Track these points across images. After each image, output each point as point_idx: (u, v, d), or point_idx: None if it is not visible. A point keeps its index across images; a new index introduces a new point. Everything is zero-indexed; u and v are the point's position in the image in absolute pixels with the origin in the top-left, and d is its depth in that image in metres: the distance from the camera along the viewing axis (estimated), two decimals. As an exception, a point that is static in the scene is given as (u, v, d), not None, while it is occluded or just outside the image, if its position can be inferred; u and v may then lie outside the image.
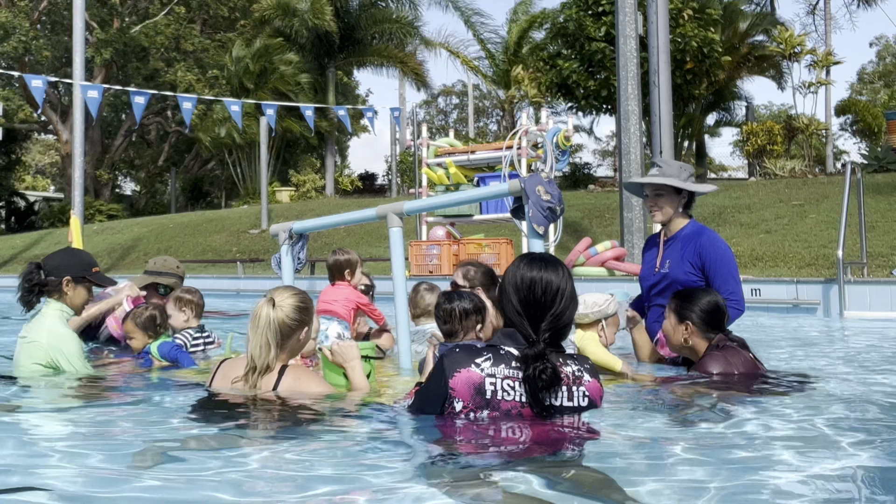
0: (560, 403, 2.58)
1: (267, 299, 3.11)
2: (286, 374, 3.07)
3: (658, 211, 4.52)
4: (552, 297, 2.62)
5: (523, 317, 2.62)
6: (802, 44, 23.86)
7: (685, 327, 3.63)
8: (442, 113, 55.09)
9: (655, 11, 11.15)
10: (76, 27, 16.76)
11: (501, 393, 2.55)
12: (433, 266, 10.36)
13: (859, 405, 3.21)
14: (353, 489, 2.12)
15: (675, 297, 3.75)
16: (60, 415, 3.22)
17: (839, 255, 7.40)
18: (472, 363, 2.57)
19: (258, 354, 3.05)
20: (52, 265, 3.89)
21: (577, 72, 20.68)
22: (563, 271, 2.69)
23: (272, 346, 3.05)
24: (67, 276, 3.88)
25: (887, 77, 46.26)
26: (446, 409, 2.57)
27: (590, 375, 2.66)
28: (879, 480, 2.22)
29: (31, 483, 2.17)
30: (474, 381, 2.55)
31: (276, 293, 3.14)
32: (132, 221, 24.45)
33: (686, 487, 2.12)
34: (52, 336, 3.79)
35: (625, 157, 10.98)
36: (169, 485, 2.17)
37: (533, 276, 2.64)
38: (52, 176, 48.57)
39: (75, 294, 3.92)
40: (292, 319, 3.10)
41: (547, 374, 2.50)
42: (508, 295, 2.66)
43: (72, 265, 3.93)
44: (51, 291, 3.87)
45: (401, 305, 3.82)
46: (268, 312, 3.06)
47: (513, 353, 2.60)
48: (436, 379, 2.63)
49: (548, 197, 3.37)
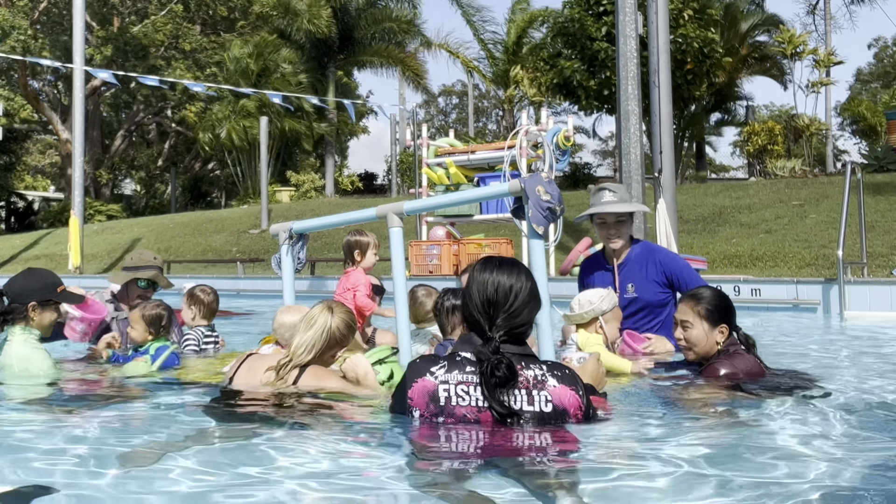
0: (520, 407, 2.53)
1: (326, 306, 3.29)
2: (306, 373, 3.18)
3: (619, 238, 4.54)
4: (505, 296, 2.64)
5: (481, 315, 2.65)
6: (804, 43, 23.87)
7: (720, 331, 3.52)
8: (442, 113, 55.11)
9: (656, 11, 11.14)
10: (76, 27, 16.76)
11: (455, 398, 2.55)
12: (433, 266, 10.35)
13: (859, 406, 3.20)
14: (327, 490, 2.12)
15: (695, 302, 3.58)
16: (64, 417, 3.22)
17: (839, 255, 7.39)
18: (427, 372, 2.60)
19: (300, 352, 3.19)
20: (15, 291, 3.78)
21: (578, 71, 20.68)
22: (519, 273, 2.72)
23: (316, 348, 3.19)
24: (32, 301, 3.78)
25: (885, 78, 46.26)
26: (409, 416, 2.61)
27: (558, 382, 2.58)
28: (881, 481, 2.22)
29: (34, 482, 2.17)
30: (428, 389, 2.58)
31: (333, 304, 3.36)
32: (132, 221, 24.46)
33: (681, 490, 2.12)
34: (20, 360, 3.71)
35: (625, 157, 10.97)
36: (159, 486, 2.16)
37: (486, 277, 2.69)
38: (52, 176, 48.57)
39: (42, 317, 3.83)
40: (341, 332, 3.27)
41: (501, 371, 2.48)
42: (468, 297, 2.71)
43: (35, 290, 3.82)
44: (15, 319, 3.77)
45: (401, 305, 3.82)
46: (326, 317, 3.23)
47: (469, 358, 2.60)
48: (400, 388, 2.68)
49: (547, 197, 3.36)
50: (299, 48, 29.92)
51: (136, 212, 32.89)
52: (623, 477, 2.22)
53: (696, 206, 15.44)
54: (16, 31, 26.68)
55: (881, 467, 2.35)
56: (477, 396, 2.54)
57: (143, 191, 38.73)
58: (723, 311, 3.55)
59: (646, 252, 4.56)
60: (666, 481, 2.17)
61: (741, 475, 2.23)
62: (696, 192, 17.46)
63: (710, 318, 3.54)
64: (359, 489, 2.14)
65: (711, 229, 13.83)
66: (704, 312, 3.55)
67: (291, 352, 3.20)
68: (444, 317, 3.77)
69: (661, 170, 11.05)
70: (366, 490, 2.14)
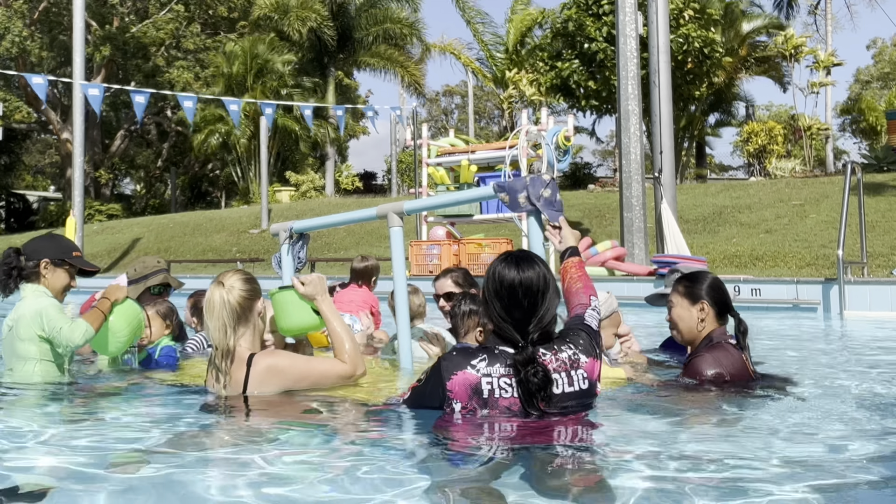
0: (561, 391, 2.60)
1: (216, 283, 3.18)
2: (254, 364, 3.09)
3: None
4: (534, 300, 2.63)
5: (508, 322, 2.63)
6: (804, 44, 23.88)
7: (700, 308, 3.50)
8: (443, 113, 55.09)
9: (656, 11, 11.15)
10: (76, 27, 16.73)
11: (499, 391, 2.57)
12: (433, 266, 10.35)
13: (859, 406, 3.20)
14: (348, 491, 2.12)
15: (681, 280, 3.63)
16: (54, 417, 3.22)
17: (839, 255, 7.39)
18: (468, 365, 2.60)
19: (218, 337, 3.11)
20: (30, 249, 3.85)
21: (577, 72, 20.69)
22: (540, 267, 2.69)
23: (230, 327, 3.11)
24: (45, 258, 3.82)
25: (884, 80, 46.27)
26: (445, 410, 2.60)
27: (585, 356, 2.69)
28: (881, 481, 2.21)
29: (27, 483, 2.17)
30: (471, 381, 2.58)
31: (221, 276, 3.22)
32: (132, 221, 24.46)
33: (679, 492, 2.12)
34: (32, 307, 3.73)
35: (625, 157, 10.98)
36: (155, 488, 2.16)
37: (512, 280, 2.64)
38: (52, 176, 48.57)
39: (54, 277, 3.85)
40: (244, 291, 3.16)
41: (538, 378, 2.53)
42: (491, 302, 2.67)
43: (50, 248, 3.88)
44: (28, 276, 3.81)
45: (401, 305, 3.82)
46: (221, 294, 3.13)
47: (508, 351, 2.62)
48: (433, 381, 2.65)
49: (548, 192, 3.35)
50: (298, 48, 29.88)
51: (135, 212, 32.89)
52: (622, 477, 2.22)
53: (697, 206, 15.45)
54: (10, 34, 26.65)
55: (880, 468, 2.35)
56: (520, 389, 2.57)
57: (143, 191, 38.73)
58: (703, 289, 3.52)
59: None
60: (673, 486, 2.18)
61: (734, 476, 2.23)
62: (697, 191, 17.46)
63: (689, 295, 3.53)
64: (387, 483, 2.14)
65: (712, 229, 13.84)
66: (683, 290, 3.57)
67: (214, 345, 3.13)
68: (460, 320, 3.75)
69: (661, 170, 11.05)
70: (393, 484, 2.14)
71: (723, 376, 3.27)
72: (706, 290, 3.52)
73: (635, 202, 10.74)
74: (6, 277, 3.78)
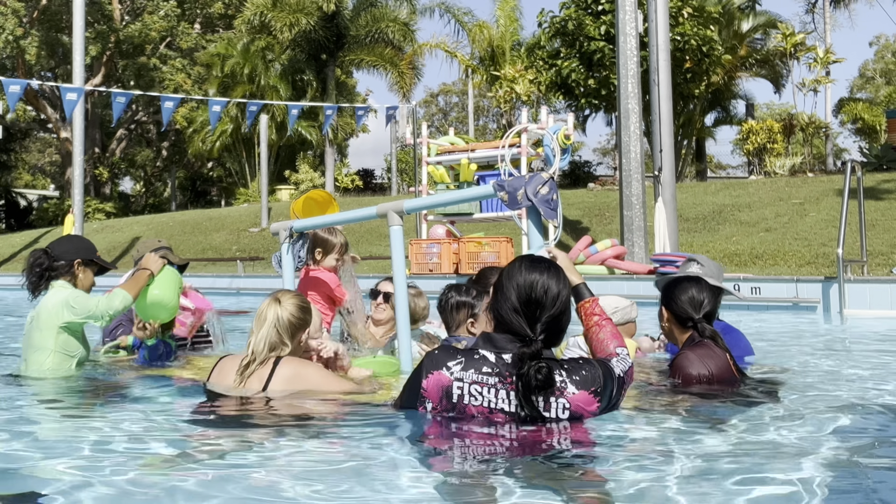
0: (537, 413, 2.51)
1: (272, 298, 3.25)
2: (280, 365, 3.12)
3: None
4: (551, 300, 2.59)
5: (521, 314, 2.57)
6: (803, 42, 23.87)
7: (661, 312, 3.58)
8: (441, 111, 55.04)
9: (655, 9, 11.14)
10: (76, 27, 16.71)
11: (468, 398, 2.54)
12: (433, 265, 10.35)
13: (859, 405, 3.20)
14: (349, 491, 2.12)
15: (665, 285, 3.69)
16: (60, 414, 3.22)
17: (839, 254, 7.39)
18: (444, 366, 2.59)
19: (260, 349, 3.15)
20: (60, 250, 3.94)
21: (576, 70, 20.67)
22: (562, 278, 2.67)
23: (272, 340, 3.16)
24: (78, 258, 3.92)
25: (888, 76, 46.26)
26: (418, 408, 2.61)
27: (576, 388, 2.54)
28: (881, 481, 2.21)
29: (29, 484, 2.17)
30: (443, 383, 2.57)
31: (280, 294, 3.30)
32: (132, 220, 24.45)
33: (669, 492, 2.12)
34: (57, 296, 3.80)
35: (625, 156, 10.97)
36: (160, 489, 2.16)
37: (534, 278, 2.60)
38: (52, 174, 48.54)
39: (85, 276, 3.96)
40: (296, 318, 3.23)
41: (542, 374, 2.45)
42: (506, 293, 2.61)
43: (80, 249, 3.99)
44: (59, 275, 3.89)
45: (401, 305, 3.81)
46: (275, 310, 3.19)
47: (488, 358, 2.56)
48: (415, 376, 2.67)
49: (546, 190, 3.36)
50: (295, 46, 29.81)
51: (135, 210, 32.89)
52: (621, 478, 2.22)
53: (696, 205, 15.44)
54: (5, 33, 26.57)
55: (879, 468, 2.35)
56: (489, 398, 2.53)
57: (142, 189, 38.71)
58: (667, 296, 3.56)
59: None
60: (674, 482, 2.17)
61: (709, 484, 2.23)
62: (696, 190, 17.46)
63: (661, 298, 3.62)
64: (368, 484, 2.14)
65: (711, 227, 13.84)
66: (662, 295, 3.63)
67: (250, 351, 3.17)
68: (449, 314, 3.74)
69: (661, 168, 11.05)
70: (375, 485, 2.14)
71: (705, 375, 3.26)
72: (666, 297, 3.57)
73: (635, 200, 10.74)
74: (38, 279, 3.88)
